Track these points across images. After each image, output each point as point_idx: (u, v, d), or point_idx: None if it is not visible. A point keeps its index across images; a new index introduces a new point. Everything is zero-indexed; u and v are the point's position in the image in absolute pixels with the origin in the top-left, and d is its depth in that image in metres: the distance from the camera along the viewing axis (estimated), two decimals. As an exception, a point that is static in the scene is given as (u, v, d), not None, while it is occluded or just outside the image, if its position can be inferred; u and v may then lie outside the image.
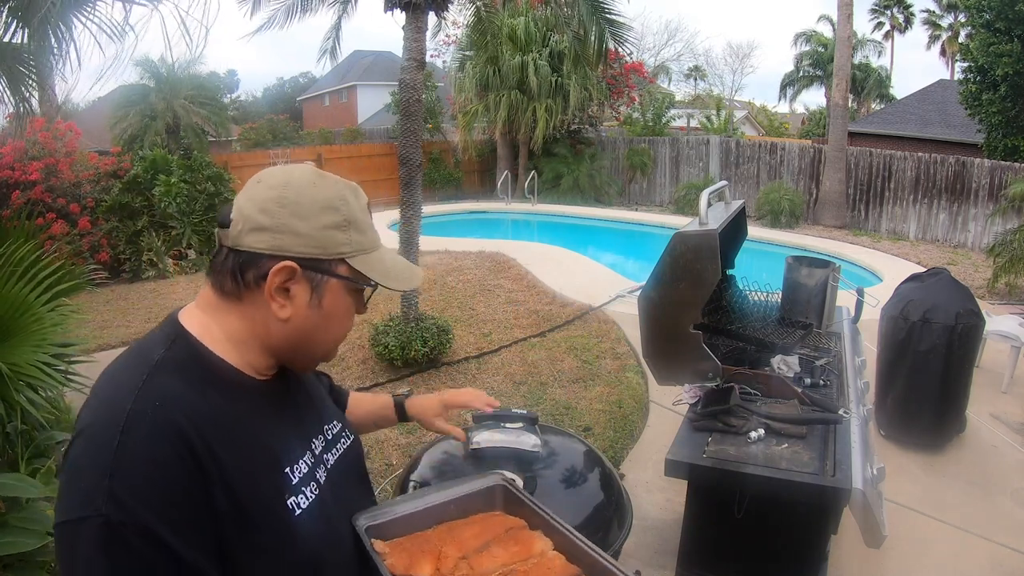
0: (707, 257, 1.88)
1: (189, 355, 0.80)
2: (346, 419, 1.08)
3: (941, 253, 9.68)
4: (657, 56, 31.18)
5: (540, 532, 0.98)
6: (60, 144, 8.11)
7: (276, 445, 0.84)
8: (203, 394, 0.77)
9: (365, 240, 0.86)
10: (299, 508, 0.81)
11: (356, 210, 0.86)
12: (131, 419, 0.70)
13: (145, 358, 0.78)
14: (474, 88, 13.75)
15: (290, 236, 0.80)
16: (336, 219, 0.83)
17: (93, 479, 0.68)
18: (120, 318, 6.16)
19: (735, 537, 2.03)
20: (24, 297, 2.49)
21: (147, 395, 0.73)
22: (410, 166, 4.61)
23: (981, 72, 11.58)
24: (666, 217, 12.36)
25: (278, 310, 0.82)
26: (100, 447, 0.69)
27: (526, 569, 0.89)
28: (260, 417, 0.84)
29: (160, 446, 0.70)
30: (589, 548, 0.91)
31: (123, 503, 0.66)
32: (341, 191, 0.85)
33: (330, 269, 0.83)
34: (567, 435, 1.89)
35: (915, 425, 3.56)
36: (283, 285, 0.81)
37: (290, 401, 0.92)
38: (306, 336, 0.85)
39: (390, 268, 0.89)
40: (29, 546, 1.51)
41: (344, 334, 0.90)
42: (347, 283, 0.85)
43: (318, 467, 0.90)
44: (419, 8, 4.49)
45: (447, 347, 4.82)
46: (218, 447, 0.74)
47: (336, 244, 0.83)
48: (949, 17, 29.82)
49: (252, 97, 38.42)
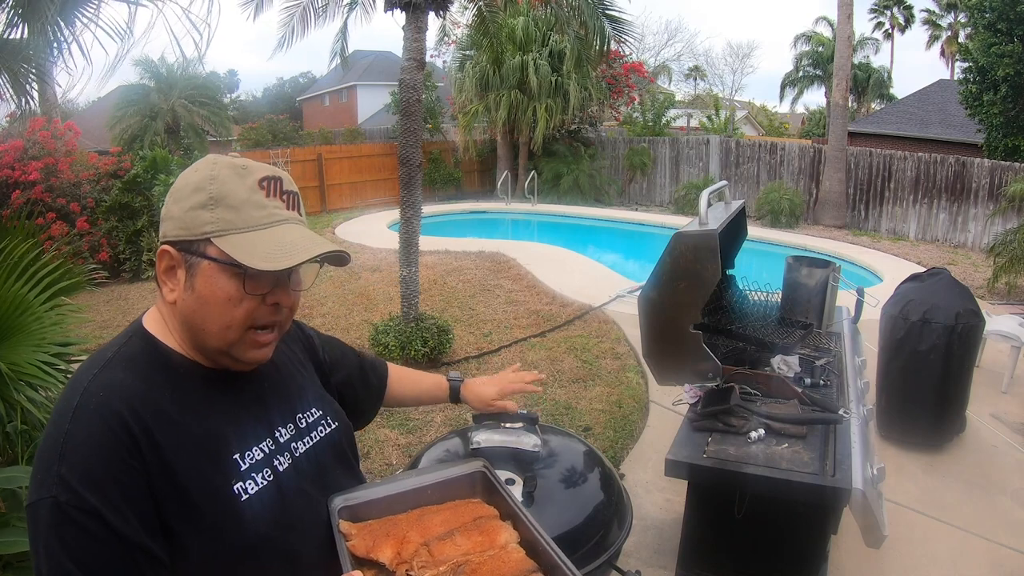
0: (707, 257, 1.87)
1: (142, 349, 0.86)
2: (331, 406, 1.07)
3: (941, 253, 9.68)
4: (657, 56, 31.20)
5: (509, 524, 0.98)
6: (60, 144, 8.11)
7: (225, 431, 0.86)
8: (149, 384, 0.82)
9: (237, 218, 0.82)
10: (246, 493, 0.84)
11: (230, 187, 0.83)
12: (78, 410, 0.77)
13: (99, 357, 0.84)
14: (474, 88, 13.76)
15: (169, 221, 0.84)
16: (201, 198, 0.82)
17: (47, 465, 0.75)
18: (120, 318, 6.16)
19: (735, 537, 2.03)
20: (24, 296, 2.49)
21: (93, 388, 0.79)
22: (410, 166, 4.61)
23: (981, 72, 11.58)
24: (666, 217, 12.37)
25: (167, 294, 0.85)
26: (53, 437, 0.77)
27: (482, 560, 0.89)
28: (210, 404, 0.87)
29: (100, 432, 0.76)
30: (552, 549, 0.90)
31: (68, 485, 0.73)
32: (217, 171, 0.83)
33: (199, 250, 0.82)
34: (567, 435, 1.89)
35: (915, 425, 3.55)
36: (169, 269, 0.84)
37: (251, 389, 0.93)
38: (190, 322, 0.85)
39: (265, 247, 0.82)
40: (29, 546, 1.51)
41: (234, 323, 0.84)
42: (219, 265, 0.82)
43: (280, 454, 0.91)
44: (419, 8, 4.49)
45: (447, 347, 4.82)
46: (158, 433, 0.78)
47: (200, 224, 0.82)
48: (949, 17, 29.81)
49: (252, 97, 38.49)
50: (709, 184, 3.93)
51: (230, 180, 0.83)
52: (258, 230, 0.83)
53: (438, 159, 15.53)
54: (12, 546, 1.50)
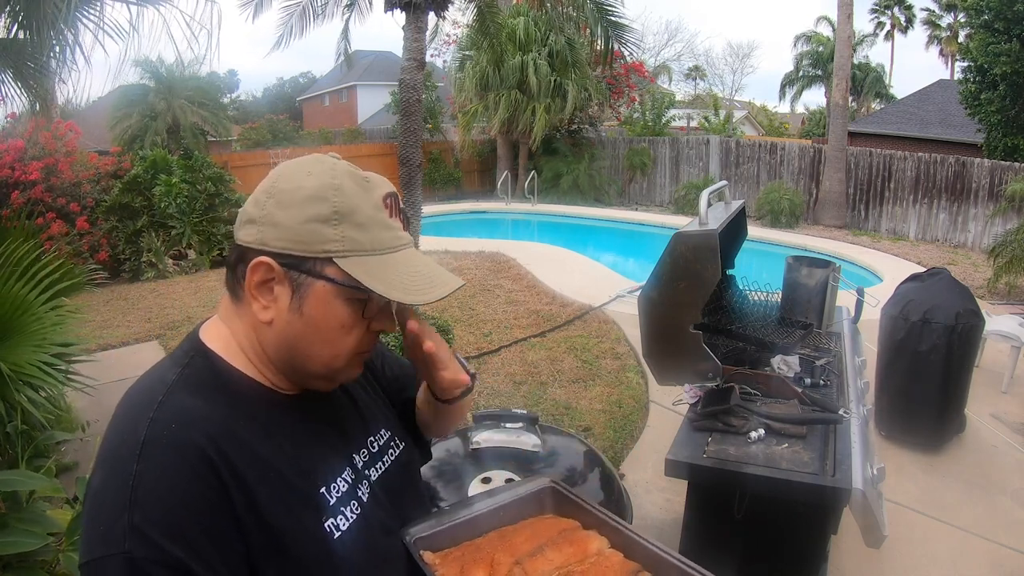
0: (707, 257, 1.87)
1: (208, 371, 0.75)
2: (397, 425, 0.98)
3: (941, 253, 9.68)
4: (657, 56, 31.22)
5: (595, 531, 0.95)
6: (60, 144, 8.11)
7: (310, 464, 0.77)
8: (224, 412, 0.71)
9: (365, 239, 0.73)
10: (338, 530, 0.75)
11: (356, 202, 0.73)
12: (147, 446, 0.65)
13: (160, 379, 0.73)
14: (474, 88, 13.76)
15: (270, 228, 0.72)
16: (322, 210, 0.71)
17: (112, 515, 0.63)
18: (120, 318, 6.16)
19: (735, 537, 2.03)
20: (24, 297, 2.49)
21: (162, 418, 0.67)
22: (410, 166, 4.61)
23: (980, 72, 11.59)
24: (666, 217, 12.36)
25: (260, 311, 0.74)
26: (117, 479, 0.65)
27: (583, 569, 0.86)
28: (290, 435, 0.77)
29: (180, 472, 0.65)
30: (646, 541, 0.89)
31: (145, 538, 0.61)
32: (338, 179, 0.73)
33: (314, 269, 0.72)
34: (567, 435, 1.90)
35: (915, 425, 3.55)
36: (264, 283, 0.73)
37: (327, 414, 0.84)
38: (291, 345, 0.75)
39: (399, 276, 0.74)
40: (29, 546, 1.51)
41: (343, 351, 0.76)
42: (336, 288, 0.72)
43: (360, 483, 0.83)
44: (419, 8, 4.49)
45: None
46: (244, 468, 0.68)
47: (321, 240, 0.71)
48: (948, 17, 29.81)
49: (252, 97, 38.48)
50: (709, 184, 3.92)
51: (356, 195, 0.73)
52: (386, 254, 0.74)
53: (438, 159, 15.53)
54: (12, 546, 1.50)
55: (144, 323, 5.96)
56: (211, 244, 8.62)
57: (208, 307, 6.47)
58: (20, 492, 1.67)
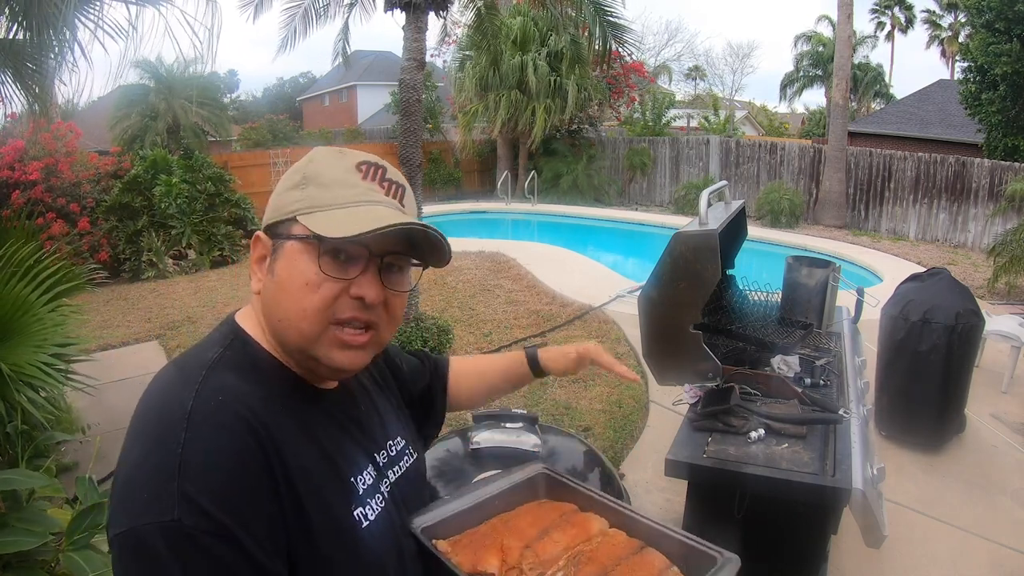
0: (707, 257, 1.87)
1: (246, 355, 0.75)
2: (411, 434, 0.99)
3: (941, 253, 9.68)
4: (657, 56, 31.19)
5: (593, 512, 0.98)
6: (60, 144, 8.11)
7: (339, 454, 0.78)
8: (262, 393, 0.72)
9: (327, 195, 0.74)
10: (366, 520, 0.76)
11: (324, 167, 0.76)
12: (194, 415, 0.64)
13: (200, 358, 0.72)
14: (474, 88, 13.76)
15: (267, 210, 0.79)
16: (295, 179, 0.76)
17: (159, 482, 0.61)
18: (120, 318, 6.16)
19: (735, 537, 2.02)
20: (25, 297, 2.49)
21: (207, 391, 0.67)
22: (410, 166, 4.61)
23: (981, 72, 11.60)
24: (666, 217, 12.36)
25: (254, 284, 0.77)
26: (163, 448, 0.63)
27: (591, 548, 0.89)
28: (320, 423, 0.78)
29: (230, 443, 0.64)
30: (643, 518, 0.92)
31: (196, 505, 0.60)
32: (317, 154, 0.78)
33: (285, 231, 0.74)
34: (567, 435, 1.90)
35: (915, 425, 3.56)
36: (260, 259, 0.77)
37: (351, 411, 0.85)
38: (269, 312, 0.75)
39: (346, 218, 0.72)
40: (29, 545, 1.51)
41: (309, 308, 0.72)
42: (299, 244, 0.73)
43: (381, 481, 0.84)
44: (419, 8, 4.49)
45: (447, 347, 4.81)
46: (282, 445, 0.68)
47: (289, 203, 0.75)
48: (949, 17, 29.82)
49: (252, 97, 38.51)
50: (709, 184, 3.93)
51: (326, 160, 0.77)
52: (346, 207, 0.73)
53: (438, 159, 15.54)
54: (12, 545, 1.50)
55: (144, 323, 5.96)
56: (211, 244, 8.63)
57: (208, 307, 6.47)
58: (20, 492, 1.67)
